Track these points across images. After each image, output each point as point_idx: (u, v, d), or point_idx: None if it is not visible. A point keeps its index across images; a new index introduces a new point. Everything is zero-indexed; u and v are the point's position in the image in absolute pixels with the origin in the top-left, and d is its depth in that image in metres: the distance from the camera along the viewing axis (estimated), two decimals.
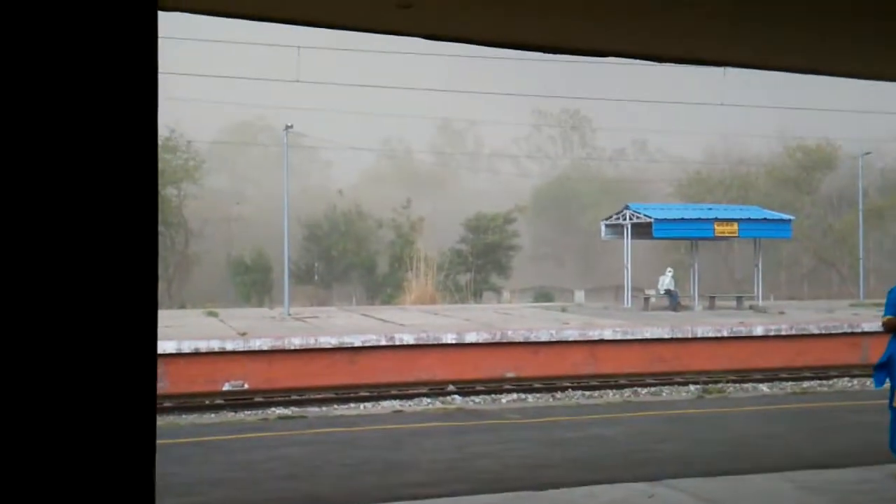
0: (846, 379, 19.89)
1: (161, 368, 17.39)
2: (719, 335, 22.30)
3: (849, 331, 23.32)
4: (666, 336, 21.85)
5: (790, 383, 19.05)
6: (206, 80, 38.97)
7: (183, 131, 43.29)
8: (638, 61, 3.65)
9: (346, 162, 55.63)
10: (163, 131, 39.93)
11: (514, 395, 17.68)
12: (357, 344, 19.61)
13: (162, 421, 12.75)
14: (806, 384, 18.92)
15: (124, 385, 1.65)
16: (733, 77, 34.14)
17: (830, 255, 51.93)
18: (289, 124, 28.70)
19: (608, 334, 21.50)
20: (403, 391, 17.97)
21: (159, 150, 2.05)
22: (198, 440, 10.07)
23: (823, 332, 23.12)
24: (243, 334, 20.06)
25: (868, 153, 38.29)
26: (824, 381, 19.55)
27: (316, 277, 45.42)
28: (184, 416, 14.84)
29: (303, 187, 49.07)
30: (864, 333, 23.18)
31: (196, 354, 18.46)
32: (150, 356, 1.67)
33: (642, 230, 29.27)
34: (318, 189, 52.65)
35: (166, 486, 7.26)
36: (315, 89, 38.15)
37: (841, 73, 4.04)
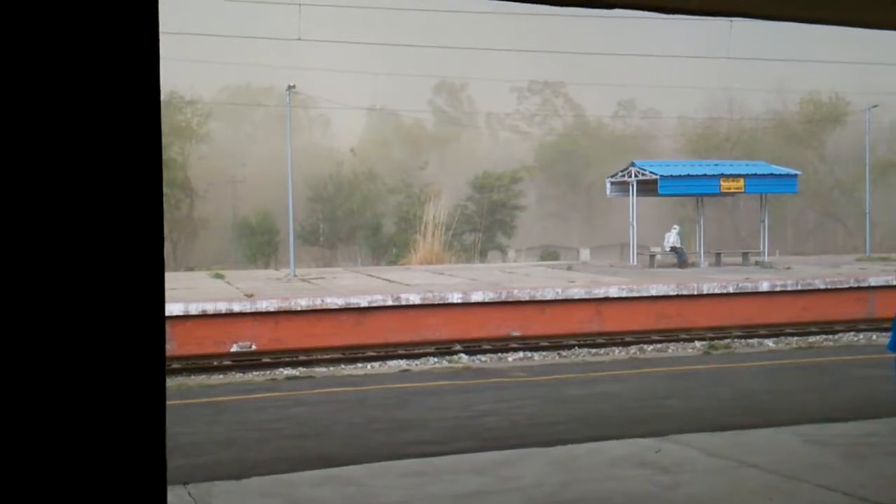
0: (852, 333, 19.93)
1: (169, 330, 17.48)
2: (725, 291, 22.31)
3: (855, 285, 23.31)
4: (672, 293, 21.87)
5: (796, 338, 19.10)
6: (206, 40, 38.66)
7: (183, 92, 43.04)
8: (644, 13, 3.60)
9: (347, 122, 55.36)
10: (164, 89, 39.65)
11: (521, 354, 17.76)
12: (363, 304, 19.67)
13: (171, 382, 12.85)
14: (812, 339, 18.96)
15: (133, 347, 1.65)
16: (737, 30, 33.76)
17: (836, 210, 51.76)
18: (291, 84, 28.51)
19: (614, 292, 21.52)
20: (410, 351, 18.07)
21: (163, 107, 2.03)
22: (207, 401, 10.15)
23: (829, 287, 23.11)
24: (250, 296, 20.13)
25: (875, 106, 37.94)
26: (830, 336, 19.59)
27: (321, 238, 45.45)
28: (192, 376, 14.96)
29: (305, 148, 48.89)
30: (870, 288, 23.18)
31: (203, 316, 18.55)
32: (157, 318, 1.67)
33: (648, 187, 29.16)
34: (320, 149, 52.44)
35: (176, 445, 7.33)
36: (316, 49, 37.87)
37: (848, 21, 3.97)
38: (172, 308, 17.87)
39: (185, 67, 38.41)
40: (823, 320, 21.64)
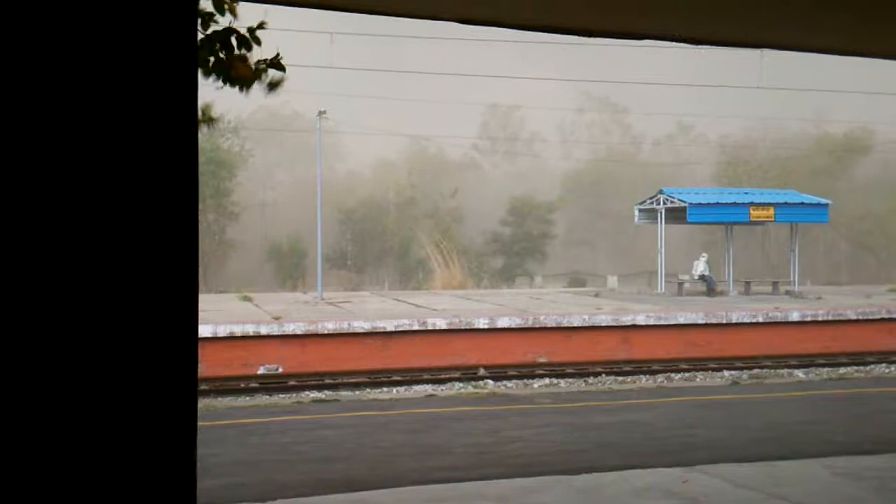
0: (884, 365, 19.64)
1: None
2: (755, 321, 22.10)
3: (887, 316, 22.99)
4: (700, 321, 21.70)
5: (826, 369, 18.85)
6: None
7: (227, 118, 43.52)
8: (674, 44, 3.61)
9: (378, 148, 55.63)
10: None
11: (547, 380, 17.67)
12: (390, 329, 19.70)
13: (199, 404, 12.89)
14: (843, 370, 18.70)
15: (168, 370, 1.67)
16: (771, 59, 33.65)
17: (868, 240, 51.17)
18: (322, 110, 28.79)
19: (641, 319, 21.39)
20: (436, 376, 18.04)
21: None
22: (234, 423, 10.19)
23: (861, 317, 22.82)
24: (277, 319, 20.23)
25: None
26: (861, 367, 19.31)
27: (349, 262, 45.65)
28: (220, 398, 15.02)
29: (335, 173, 49.18)
30: None
31: (231, 338, 18.66)
32: (191, 342, 1.70)
33: (676, 215, 29.03)
34: (350, 174, 52.74)
35: (204, 467, 7.35)
36: (349, 76, 38.19)
37: (882, 54, 3.96)
38: (201, 330, 17.94)
39: (215, 92, 38.75)
40: (854, 351, 21.35)
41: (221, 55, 3.21)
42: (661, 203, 29.23)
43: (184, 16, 1.74)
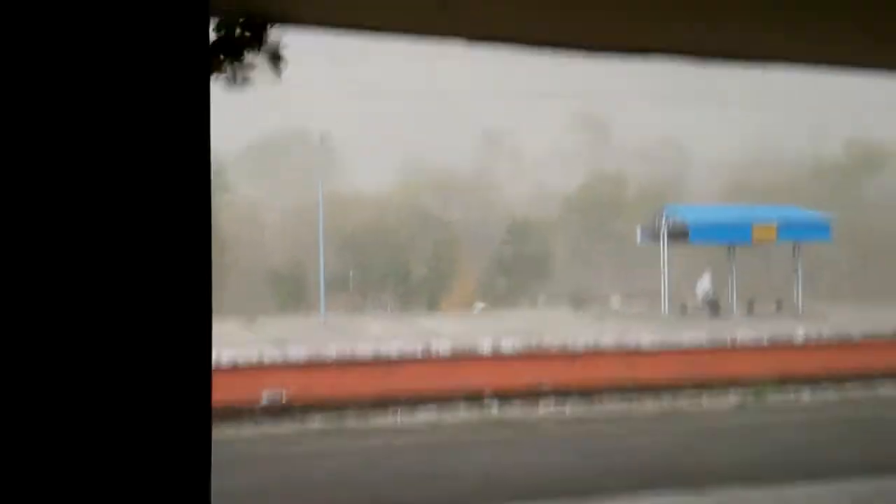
0: (890, 385, 19.52)
1: None
2: (759, 341, 22.01)
3: (892, 334, 22.90)
4: (705, 343, 21.62)
5: (833, 390, 18.73)
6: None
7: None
8: (679, 60, 3.60)
9: (376, 170, 55.70)
10: None
11: (551, 405, 17.57)
12: (393, 354, 19.63)
13: None
14: (850, 391, 18.59)
15: (182, 396, 1.63)
16: (771, 75, 33.72)
17: (873, 257, 51.07)
18: (323, 133, 28.90)
19: (646, 341, 21.31)
20: (440, 401, 17.92)
21: None
22: (238, 450, 10.11)
23: (867, 336, 22.73)
24: (280, 344, 20.16)
25: None
26: (869, 388, 19.19)
27: (351, 286, 45.61)
28: (223, 425, 14.92)
29: (333, 195, 49.21)
30: None
31: (234, 365, 18.58)
32: (205, 367, 1.65)
33: (679, 235, 29.00)
34: (348, 197, 52.72)
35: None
36: (346, 96, 38.32)
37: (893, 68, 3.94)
38: None
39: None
40: (861, 371, 21.21)
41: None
42: (664, 223, 29.21)
43: (197, 18, 1.71)
